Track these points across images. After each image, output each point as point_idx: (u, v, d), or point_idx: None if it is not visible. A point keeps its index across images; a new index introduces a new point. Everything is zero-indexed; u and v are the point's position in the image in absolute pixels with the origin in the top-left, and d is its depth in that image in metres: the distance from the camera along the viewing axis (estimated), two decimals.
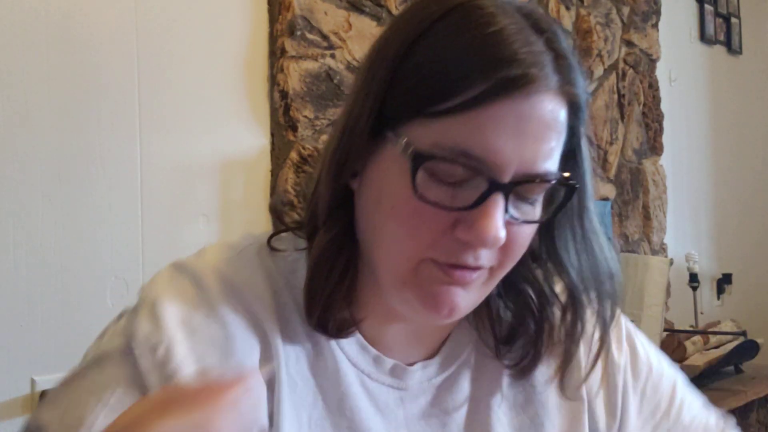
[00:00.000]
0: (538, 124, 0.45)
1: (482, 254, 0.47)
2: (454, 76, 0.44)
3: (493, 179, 0.45)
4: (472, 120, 0.44)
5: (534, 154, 0.45)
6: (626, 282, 2.08)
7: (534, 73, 0.44)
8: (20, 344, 1.14)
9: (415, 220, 0.46)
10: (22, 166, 1.16)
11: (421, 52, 0.46)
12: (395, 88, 0.47)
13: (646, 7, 2.53)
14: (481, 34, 0.45)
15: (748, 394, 1.98)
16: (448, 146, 0.45)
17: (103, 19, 1.25)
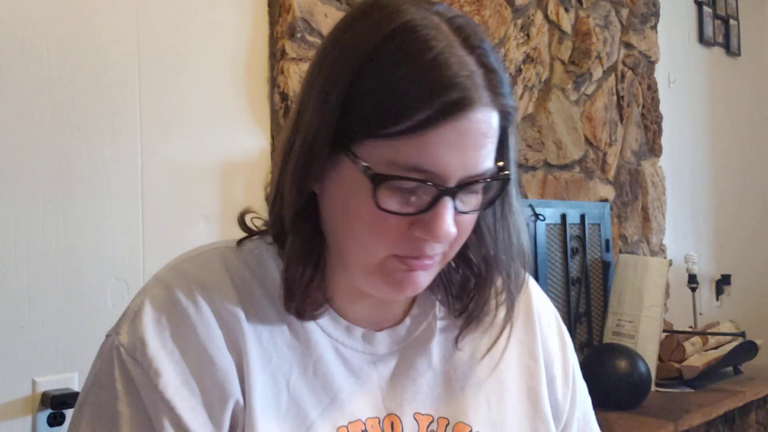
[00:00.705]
0: (476, 136, 0.53)
1: (437, 246, 0.56)
2: (402, 102, 0.51)
3: (441, 186, 0.53)
4: (421, 140, 0.51)
5: (475, 161, 0.53)
6: (625, 283, 2.09)
7: (470, 96, 0.51)
8: (21, 345, 1.14)
9: (378, 226, 0.54)
10: (23, 167, 1.16)
11: (369, 77, 0.52)
12: (349, 113, 0.53)
13: (644, 9, 2.54)
14: (421, 61, 0.51)
15: (746, 395, 1.98)
16: (401, 164, 0.52)
17: (103, 20, 1.25)
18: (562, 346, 0.72)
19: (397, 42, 0.52)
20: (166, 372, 0.54)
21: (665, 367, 2.01)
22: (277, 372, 0.58)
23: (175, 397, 0.54)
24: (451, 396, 0.64)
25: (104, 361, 0.57)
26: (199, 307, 0.57)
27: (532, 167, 2.04)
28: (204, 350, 0.56)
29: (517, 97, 1.99)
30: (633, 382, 1.71)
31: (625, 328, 2.03)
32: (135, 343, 0.56)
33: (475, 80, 0.52)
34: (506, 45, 1.96)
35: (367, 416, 0.60)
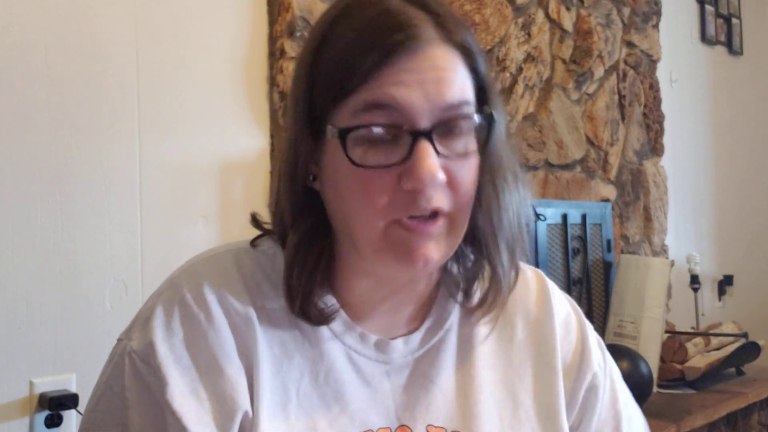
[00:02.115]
0: (433, 70, 0.52)
1: (432, 197, 0.53)
2: (353, 59, 0.52)
3: (415, 129, 0.52)
4: (377, 84, 0.52)
5: (439, 96, 0.52)
6: (627, 284, 2.08)
7: (416, 33, 0.52)
8: (19, 346, 1.13)
9: (366, 188, 0.53)
10: (21, 168, 1.15)
11: (325, 53, 0.54)
12: (315, 90, 0.55)
13: (646, 8, 2.53)
14: (369, 17, 0.53)
15: (749, 396, 1.97)
16: (363, 106, 0.52)
17: (102, 20, 1.25)
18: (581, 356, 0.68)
19: (346, 14, 0.54)
20: (173, 379, 0.53)
21: (667, 368, 2.00)
22: (288, 379, 0.57)
23: (182, 408, 0.53)
24: (465, 409, 0.61)
25: (115, 366, 0.56)
26: (210, 312, 0.56)
27: (533, 167, 2.04)
28: (214, 358, 0.55)
29: (518, 96, 1.98)
30: (635, 383, 1.70)
31: (626, 329, 2.02)
32: (146, 348, 0.55)
33: (421, 23, 0.53)
34: (507, 44, 1.96)
35: (378, 426, 0.58)
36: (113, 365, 0.57)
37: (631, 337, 1.99)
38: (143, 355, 0.54)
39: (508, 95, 1.97)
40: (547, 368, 0.65)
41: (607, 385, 0.69)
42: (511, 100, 1.97)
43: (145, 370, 0.54)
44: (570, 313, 0.70)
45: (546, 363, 0.65)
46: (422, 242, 0.54)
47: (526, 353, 0.65)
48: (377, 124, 0.52)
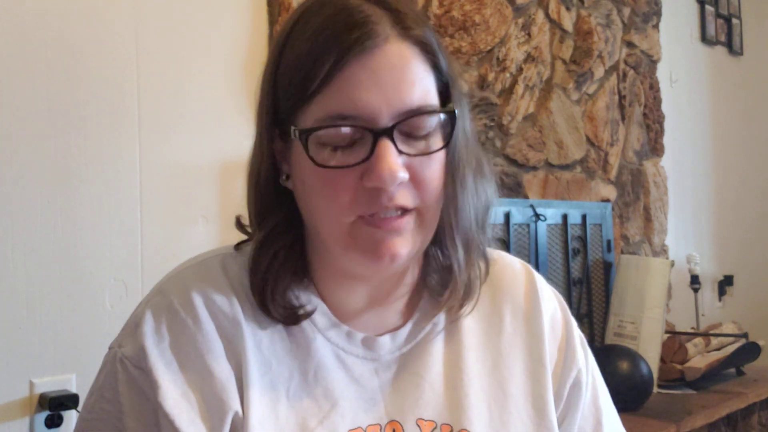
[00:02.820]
0: (391, 70, 0.52)
1: (395, 195, 0.53)
2: (312, 61, 0.53)
3: (374, 129, 0.52)
4: (336, 87, 0.52)
5: (398, 95, 0.52)
6: (627, 284, 2.08)
7: (372, 30, 0.52)
8: (19, 346, 1.13)
9: (330, 187, 0.54)
10: (21, 167, 1.15)
11: (287, 53, 0.55)
12: (278, 93, 0.56)
13: (646, 8, 2.53)
14: (326, 16, 0.54)
15: (749, 397, 1.97)
16: (325, 116, 0.53)
17: (102, 20, 1.25)
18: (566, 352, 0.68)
19: (307, 15, 0.55)
20: (164, 383, 0.54)
21: (667, 368, 2.00)
22: (277, 379, 0.58)
23: (174, 410, 0.54)
24: (454, 402, 0.61)
25: (108, 374, 0.57)
26: (198, 317, 0.57)
27: (533, 167, 2.04)
28: (203, 362, 0.56)
29: (518, 96, 1.98)
30: (635, 383, 1.71)
31: (626, 329, 2.02)
32: (138, 353, 0.56)
33: (377, 20, 0.53)
34: (507, 44, 1.96)
35: (368, 423, 0.59)
36: (105, 373, 0.58)
37: (631, 338, 1.99)
38: (136, 360, 0.55)
39: (508, 95, 1.97)
40: (536, 362, 0.65)
41: (590, 382, 0.69)
42: (511, 101, 1.97)
43: (138, 375, 0.55)
44: (557, 309, 0.70)
45: (535, 356, 0.65)
46: (389, 238, 0.54)
47: (515, 346, 0.65)
48: (338, 126, 0.52)
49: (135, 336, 0.57)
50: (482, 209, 0.61)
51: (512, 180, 1.96)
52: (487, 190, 0.61)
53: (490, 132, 1.90)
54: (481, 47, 1.87)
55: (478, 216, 0.60)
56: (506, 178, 1.95)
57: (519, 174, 1.98)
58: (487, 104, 1.90)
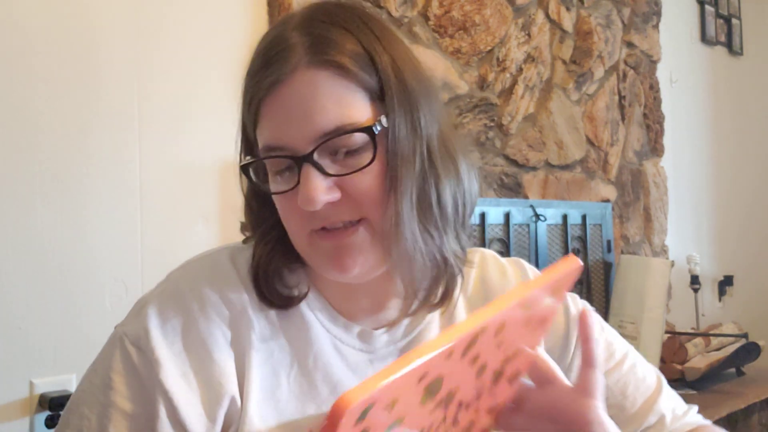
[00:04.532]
0: (299, 100, 0.55)
1: (330, 215, 0.56)
2: (248, 102, 0.59)
3: (296, 156, 0.55)
4: (263, 124, 0.58)
5: (310, 123, 0.55)
6: (627, 284, 2.08)
7: (283, 65, 0.56)
8: (19, 347, 1.13)
9: (284, 208, 0.59)
10: (21, 168, 1.15)
11: (243, 93, 0.61)
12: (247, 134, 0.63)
13: (646, 9, 2.53)
14: (257, 53, 0.59)
15: (749, 397, 1.97)
16: (261, 147, 0.58)
17: (102, 20, 1.25)
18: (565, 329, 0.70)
19: (254, 52, 0.60)
20: (166, 362, 0.56)
21: (668, 368, 2.00)
22: (278, 365, 0.60)
23: (173, 388, 0.56)
24: None
25: (105, 350, 0.60)
26: (203, 302, 0.59)
27: (533, 167, 2.04)
28: (204, 345, 0.58)
29: (518, 96, 1.98)
30: None
31: (627, 330, 2.02)
32: (139, 332, 0.58)
33: (291, 51, 0.56)
34: (507, 44, 1.96)
35: None
36: (105, 348, 0.60)
37: (631, 338, 1.99)
38: (134, 339, 0.58)
39: (508, 95, 1.97)
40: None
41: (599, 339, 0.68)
42: (511, 101, 1.97)
43: (134, 353, 0.57)
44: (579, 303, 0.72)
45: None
46: (344, 252, 0.57)
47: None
48: (268, 157, 0.57)
49: (139, 317, 0.59)
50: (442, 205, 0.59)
51: (512, 180, 1.96)
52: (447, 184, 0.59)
53: (490, 132, 1.90)
54: (481, 47, 1.87)
55: (429, 216, 0.59)
56: (506, 179, 1.95)
57: (519, 174, 1.98)
58: (487, 104, 1.90)
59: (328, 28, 0.57)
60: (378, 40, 0.58)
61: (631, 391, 0.70)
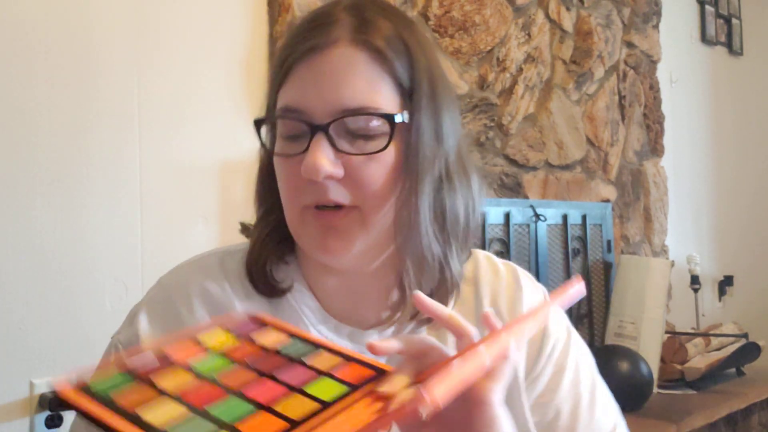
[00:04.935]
0: (333, 72, 0.56)
1: (329, 190, 0.56)
2: (281, 61, 0.59)
3: (312, 124, 0.56)
4: (289, 84, 0.58)
5: (336, 95, 0.56)
6: (627, 284, 2.08)
7: (326, 34, 0.57)
8: (19, 347, 1.13)
9: (283, 174, 0.59)
10: (21, 168, 1.15)
11: (276, 57, 0.61)
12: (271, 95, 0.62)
13: (646, 8, 2.53)
14: (302, 22, 0.60)
15: (749, 397, 1.97)
16: (279, 108, 0.58)
17: (102, 20, 1.25)
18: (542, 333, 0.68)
19: (299, 20, 0.60)
20: None
21: (667, 368, 2.00)
22: None
23: None
24: None
25: (103, 359, 0.63)
26: (192, 307, 0.61)
27: (533, 167, 2.04)
28: None
29: (518, 96, 1.98)
30: (635, 383, 1.71)
31: (627, 330, 2.02)
32: (131, 339, 0.61)
33: (337, 25, 0.57)
34: (507, 44, 1.96)
35: None
36: (102, 358, 0.63)
37: (631, 338, 1.99)
38: (127, 344, 0.60)
39: (508, 96, 1.97)
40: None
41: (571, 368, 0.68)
42: (511, 101, 1.97)
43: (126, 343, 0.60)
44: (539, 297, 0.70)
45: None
46: (329, 233, 0.57)
47: None
48: (284, 117, 0.58)
49: (132, 325, 0.62)
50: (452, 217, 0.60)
51: (512, 180, 1.96)
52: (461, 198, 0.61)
53: (490, 132, 1.90)
54: (481, 47, 1.87)
55: (440, 223, 0.60)
56: (506, 179, 1.95)
57: (519, 174, 1.98)
58: (487, 104, 1.90)
59: (375, 15, 0.59)
60: (418, 41, 0.60)
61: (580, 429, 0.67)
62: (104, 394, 0.42)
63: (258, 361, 0.47)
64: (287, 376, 0.45)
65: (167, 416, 0.40)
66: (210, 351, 0.48)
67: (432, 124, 0.59)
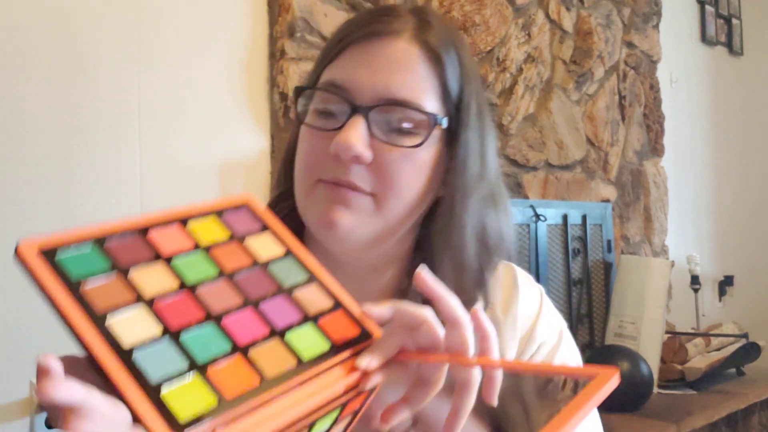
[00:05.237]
0: (388, 60, 0.57)
1: (351, 171, 0.56)
2: (336, 42, 0.59)
3: (354, 104, 0.56)
4: (340, 61, 0.58)
5: (386, 82, 0.56)
6: (627, 284, 2.08)
7: (389, 25, 0.58)
8: (19, 346, 1.13)
9: (307, 147, 0.59)
10: (21, 168, 1.15)
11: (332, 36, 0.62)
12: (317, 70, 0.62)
13: (646, 9, 2.53)
14: (364, 12, 0.62)
15: (749, 397, 1.97)
16: (323, 82, 0.58)
17: (102, 20, 1.25)
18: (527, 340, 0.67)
19: (363, 9, 0.62)
20: None
21: (668, 368, 2.00)
22: None
23: None
24: None
25: None
26: None
27: (533, 167, 2.04)
28: None
29: (518, 96, 1.98)
30: (635, 383, 1.71)
31: (627, 330, 2.02)
32: None
33: (398, 18, 0.59)
34: (507, 44, 1.96)
35: None
36: None
37: (631, 338, 1.99)
38: None
39: (508, 96, 1.97)
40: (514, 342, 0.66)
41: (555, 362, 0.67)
42: (511, 101, 1.97)
43: None
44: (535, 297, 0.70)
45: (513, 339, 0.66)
46: (337, 207, 0.56)
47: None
48: (326, 90, 0.58)
49: None
50: (495, 237, 0.61)
51: (512, 180, 1.96)
52: (502, 219, 0.62)
53: None
54: (481, 47, 1.87)
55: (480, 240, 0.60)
56: (506, 179, 1.95)
57: (519, 174, 1.98)
58: (488, 104, 1.90)
59: (437, 21, 0.60)
60: (470, 60, 0.62)
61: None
62: (72, 274, 0.39)
63: (246, 279, 0.44)
64: (272, 311, 0.43)
65: (138, 335, 0.37)
66: (198, 247, 0.45)
67: (479, 141, 0.60)
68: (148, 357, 0.37)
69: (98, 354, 0.36)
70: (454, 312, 0.45)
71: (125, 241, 0.43)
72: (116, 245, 0.42)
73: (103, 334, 0.37)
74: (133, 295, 0.40)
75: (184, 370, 0.37)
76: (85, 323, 0.37)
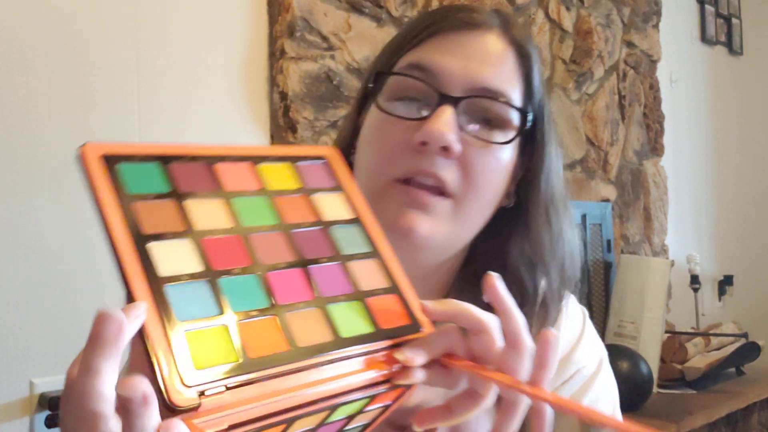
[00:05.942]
0: (481, 50, 0.55)
1: (437, 163, 0.51)
2: (420, 27, 0.57)
3: (444, 93, 0.52)
4: (426, 47, 0.55)
5: (479, 74, 0.53)
6: (627, 284, 2.08)
7: (479, 18, 0.56)
8: (19, 346, 1.13)
9: (383, 137, 0.53)
10: (21, 168, 1.15)
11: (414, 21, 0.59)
12: (378, 61, 0.59)
13: (646, 8, 2.53)
14: (452, 3, 0.60)
15: (749, 396, 1.97)
16: (406, 65, 0.55)
17: (102, 20, 1.25)
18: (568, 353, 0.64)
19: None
20: None
21: (667, 368, 2.00)
22: None
23: None
24: None
25: None
26: None
27: None
28: None
29: None
30: (635, 383, 1.71)
31: (627, 329, 2.02)
32: None
33: (486, 15, 0.57)
34: None
35: None
36: None
37: (631, 338, 1.99)
38: None
39: None
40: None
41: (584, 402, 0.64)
42: None
43: None
44: (578, 319, 0.68)
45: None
46: (414, 210, 0.51)
47: None
48: (412, 75, 0.53)
49: None
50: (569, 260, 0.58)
51: None
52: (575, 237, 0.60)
53: None
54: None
55: (559, 266, 0.57)
56: None
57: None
58: None
59: (518, 23, 0.59)
60: (543, 78, 0.60)
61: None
62: (128, 185, 0.37)
63: (303, 236, 0.40)
64: (321, 276, 0.39)
65: (176, 265, 0.35)
66: (263, 190, 0.41)
67: (555, 149, 0.59)
68: (180, 292, 0.34)
69: (128, 274, 0.34)
70: (520, 332, 0.40)
71: (191, 167, 0.39)
72: (181, 169, 0.39)
73: (140, 255, 0.35)
74: (182, 224, 0.37)
75: (213, 315, 0.34)
76: (125, 238, 0.35)
